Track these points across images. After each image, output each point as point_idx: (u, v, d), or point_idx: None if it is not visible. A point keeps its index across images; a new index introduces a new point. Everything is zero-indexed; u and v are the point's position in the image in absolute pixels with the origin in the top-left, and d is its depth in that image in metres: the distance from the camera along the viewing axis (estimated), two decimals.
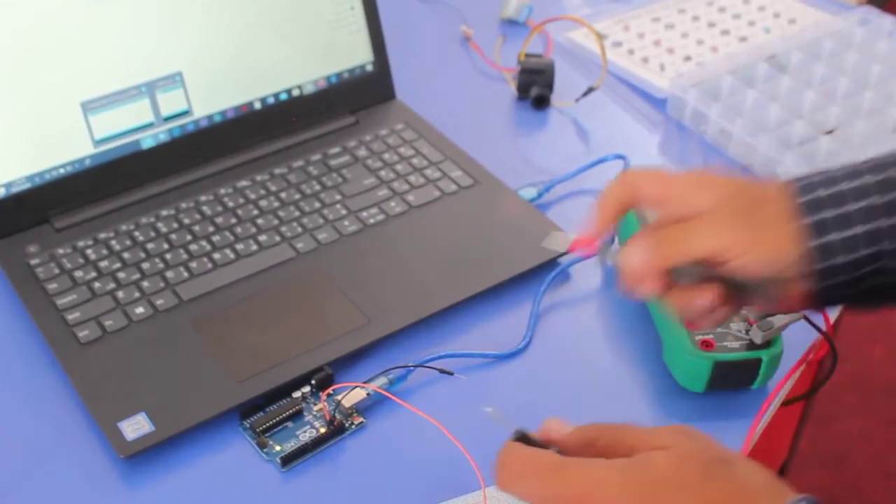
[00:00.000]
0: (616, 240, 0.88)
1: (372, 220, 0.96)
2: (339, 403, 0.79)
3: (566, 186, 1.03)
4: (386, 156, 1.03)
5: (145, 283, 0.89)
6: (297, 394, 0.80)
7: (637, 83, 1.19)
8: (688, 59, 1.23)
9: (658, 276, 0.61)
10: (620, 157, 1.03)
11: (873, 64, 1.16)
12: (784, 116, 1.08)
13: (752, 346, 0.78)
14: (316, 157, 1.03)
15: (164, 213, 0.95)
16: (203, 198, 0.97)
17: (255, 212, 0.96)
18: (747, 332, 0.79)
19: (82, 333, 0.84)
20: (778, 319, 0.77)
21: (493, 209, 0.96)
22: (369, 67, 1.08)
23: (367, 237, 0.94)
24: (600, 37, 1.13)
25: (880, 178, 0.61)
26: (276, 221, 0.95)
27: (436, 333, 0.86)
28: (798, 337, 0.82)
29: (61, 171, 0.94)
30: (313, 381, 0.81)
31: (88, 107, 0.94)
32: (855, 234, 0.60)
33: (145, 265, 0.90)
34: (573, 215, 0.99)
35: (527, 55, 1.15)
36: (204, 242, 0.93)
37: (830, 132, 1.06)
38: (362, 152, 1.03)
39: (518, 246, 0.93)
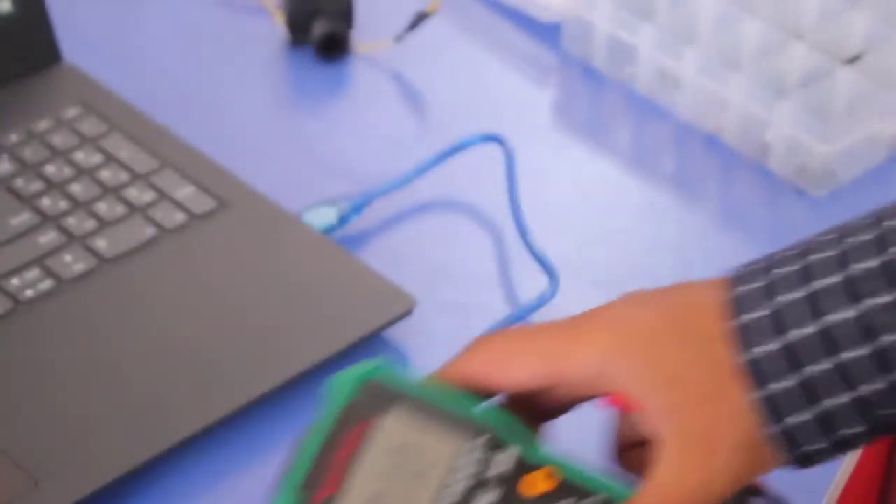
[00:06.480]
0: None
1: (27, 295, 0.73)
2: None
3: (393, 200, 0.78)
4: (48, 169, 0.81)
5: None
6: None
7: (506, 0, 0.94)
8: None
9: None
10: (492, 137, 0.78)
11: None
12: (772, 38, 0.85)
13: None
14: None
15: None
16: None
17: None
18: None
19: None
20: None
21: (261, 254, 0.76)
22: (5, 8, 0.87)
23: (18, 330, 0.72)
24: None
25: None
26: None
27: (170, 487, 0.65)
28: None
29: None
30: None
31: None
32: None
33: None
34: (412, 257, 0.77)
35: None
36: None
37: (854, 60, 0.84)
38: None
39: (312, 318, 0.73)
